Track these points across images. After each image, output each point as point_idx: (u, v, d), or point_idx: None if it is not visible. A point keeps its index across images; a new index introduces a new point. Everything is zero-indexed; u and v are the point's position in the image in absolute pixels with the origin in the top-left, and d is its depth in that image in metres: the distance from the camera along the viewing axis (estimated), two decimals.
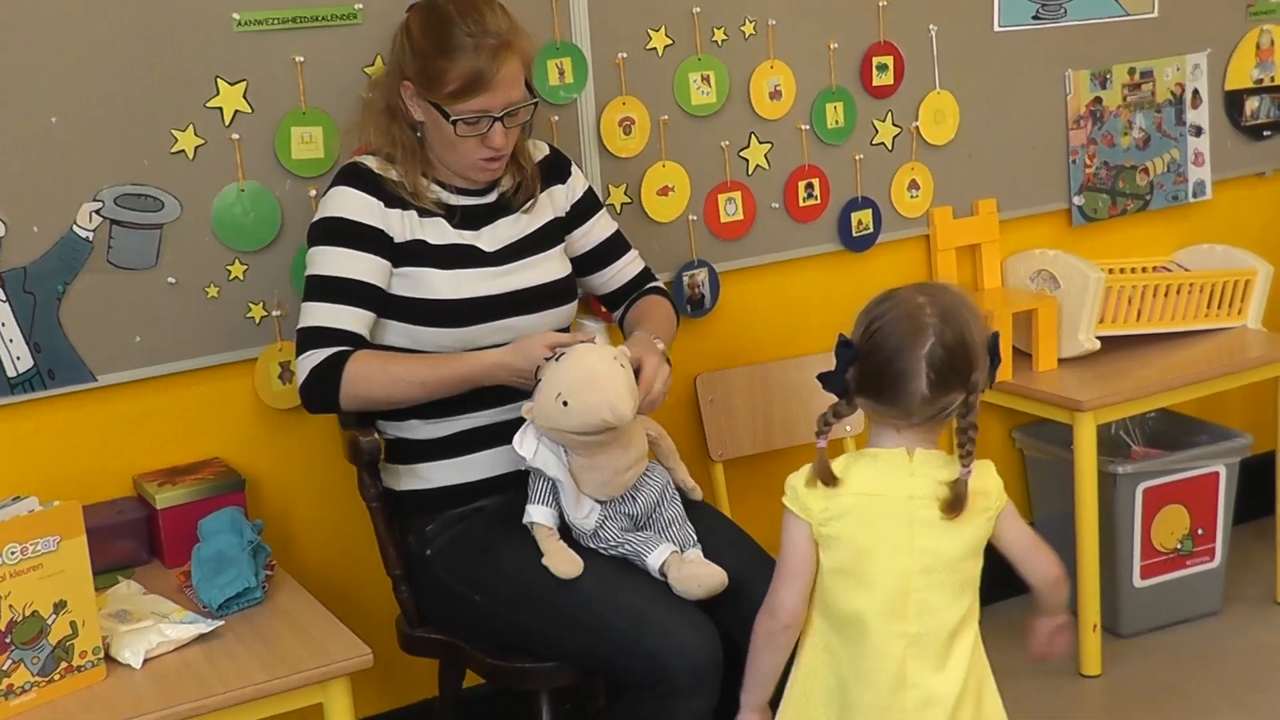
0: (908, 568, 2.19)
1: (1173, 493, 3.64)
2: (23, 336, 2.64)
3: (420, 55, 2.58)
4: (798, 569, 2.22)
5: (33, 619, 2.14)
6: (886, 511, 2.19)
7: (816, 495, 2.19)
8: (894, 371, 2.15)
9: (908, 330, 2.15)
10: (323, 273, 2.58)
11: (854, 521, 2.19)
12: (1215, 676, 3.50)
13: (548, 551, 2.52)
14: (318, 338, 2.55)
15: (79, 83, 2.63)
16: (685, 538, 2.57)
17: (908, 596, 2.19)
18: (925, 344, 2.13)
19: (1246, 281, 3.79)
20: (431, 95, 2.58)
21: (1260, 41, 4.03)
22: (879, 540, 2.19)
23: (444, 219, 2.65)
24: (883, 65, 3.46)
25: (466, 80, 2.55)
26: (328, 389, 2.53)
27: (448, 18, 2.57)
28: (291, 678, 2.23)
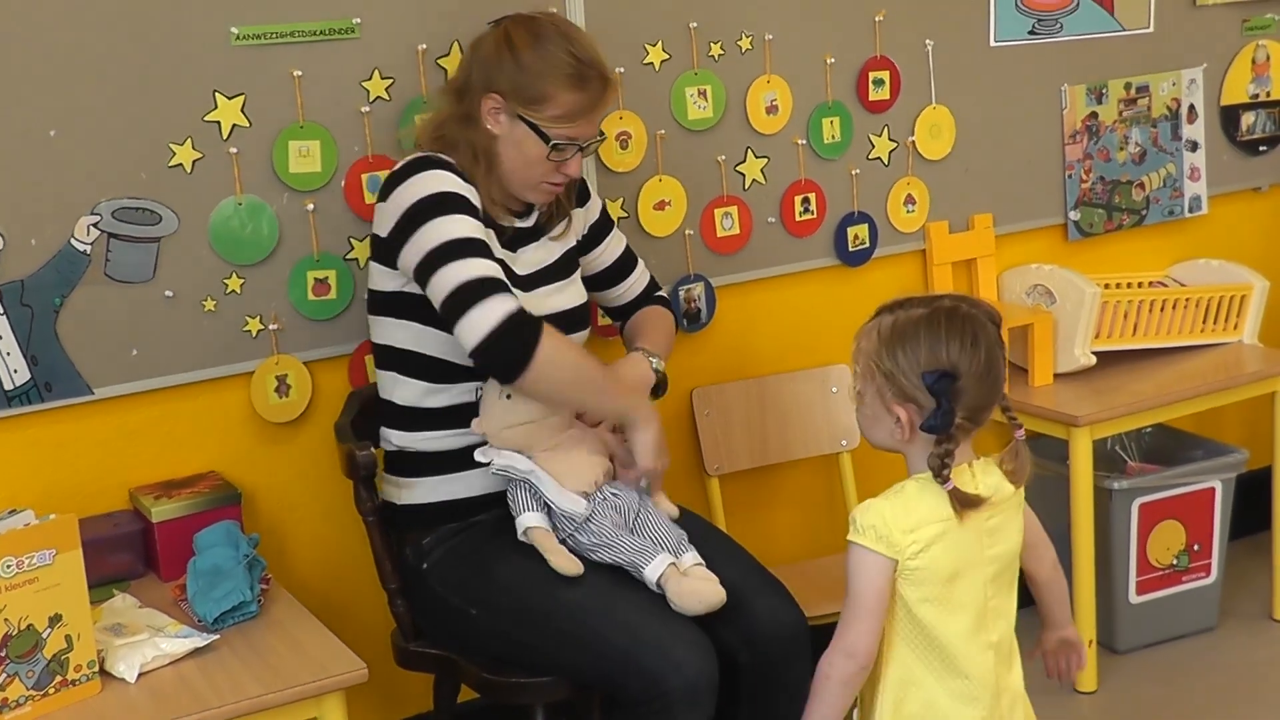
0: (983, 579, 2.20)
1: (1169, 508, 3.64)
2: (20, 349, 2.64)
3: (526, 71, 2.55)
4: (875, 608, 2.16)
5: (28, 632, 2.14)
6: (965, 530, 2.18)
7: (902, 530, 2.14)
8: (993, 375, 2.17)
9: (978, 326, 2.16)
10: (457, 235, 2.47)
11: (941, 548, 2.16)
12: (1211, 692, 3.49)
13: (549, 551, 2.51)
14: (490, 286, 2.43)
15: (77, 96, 2.63)
16: (677, 538, 2.57)
17: (986, 606, 2.21)
18: (992, 338, 2.17)
19: (1242, 296, 3.79)
20: (531, 114, 2.56)
21: (1256, 56, 4.04)
22: (963, 562, 2.18)
23: (495, 234, 2.64)
24: (879, 80, 3.46)
25: (574, 108, 2.56)
26: (525, 341, 2.42)
27: (558, 41, 2.56)
28: (286, 692, 2.23)
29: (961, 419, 2.14)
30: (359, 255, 2.90)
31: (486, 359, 2.43)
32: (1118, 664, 3.63)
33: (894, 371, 2.15)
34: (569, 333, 2.72)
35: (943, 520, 2.16)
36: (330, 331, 2.91)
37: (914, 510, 2.16)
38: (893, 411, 2.17)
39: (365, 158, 2.88)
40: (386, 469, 2.75)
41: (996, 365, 2.17)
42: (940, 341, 2.14)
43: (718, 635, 2.48)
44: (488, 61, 2.59)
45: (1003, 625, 2.24)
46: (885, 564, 2.14)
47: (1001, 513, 2.23)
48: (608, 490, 2.60)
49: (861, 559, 2.15)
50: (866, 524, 2.15)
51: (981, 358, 2.14)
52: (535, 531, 2.54)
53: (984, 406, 2.18)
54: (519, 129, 2.58)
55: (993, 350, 2.16)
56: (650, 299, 2.99)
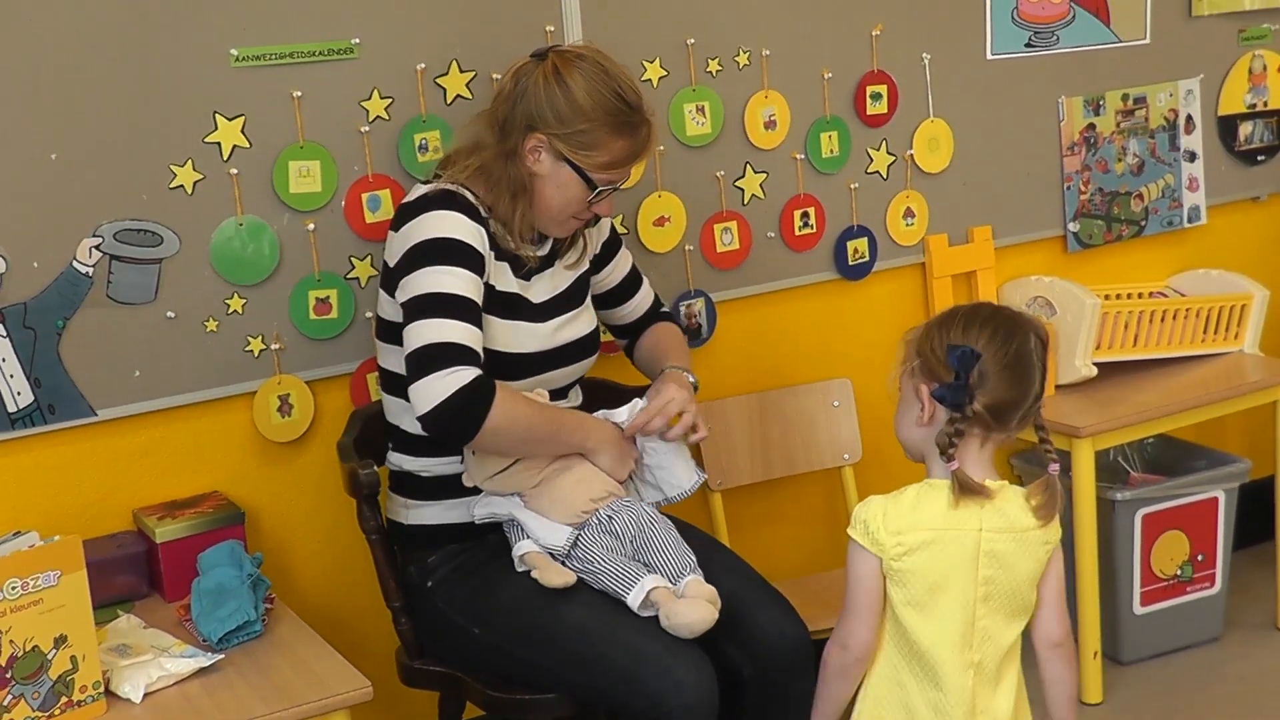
0: (972, 598, 2.21)
1: (1172, 519, 3.64)
2: (23, 372, 2.64)
3: (580, 116, 2.53)
4: (868, 602, 2.20)
5: (33, 654, 2.14)
6: (957, 544, 2.19)
7: (889, 531, 2.18)
8: (1021, 373, 2.18)
9: (1016, 327, 2.20)
10: (440, 290, 2.47)
11: (927, 556, 2.18)
12: (1216, 703, 3.49)
13: (538, 567, 2.53)
14: (453, 355, 2.42)
15: (78, 119, 2.64)
16: (683, 562, 2.56)
17: (973, 626, 2.22)
18: (1032, 339, 2.19)
19: (1243, 306, 3.80)
20: (578, 158, 2.55)
21: (1253, 66, 4.05)
22: (950, 574, 2.20)
23: (509, 265, 2.63)
24: (877, 94, 3.47)
25: (622, 155, 2.58)
26: (473, 415, 2.41)
27: (608, 83, 2.55)
28: (291, 711, 2.22)
29: (981, 406, 2.16)
30: (360, 274, 2.90)
31: (434, 428, 2.43)
32: (1122, 675, 3.62)
33: (926, 350, 2.21)
34: (580, 360, 2.73)
35: (935, 529, 2.18)
36: (332, 351, 2.92)
37: (907, 513, 2.19)
38: (919, 392, 2.21)
39: (365, 177, 2.89)
40: (393, 488, 2.75)
41: (1026, 367, 2.19)
42: (974, 326, 2.19)
43: (721, 649, 2.49)
44: (534, 99, 2.55)
45: (990, 649, 2.24)
46: (872, 560, 2.19)
47: (1012, 541, 2.22)
48: (608, 511, 2.60)
49: (853, 553, 2.21)
50: (859, 519, 2.21)
51: (1011, 350, 2.17)
52: (529, 555, 2.56)
53: (1008, 406, 2.18)
54: (563, 171, 2.57)
55: (1025, 352, 2.19)
56: (657, 315, 2.99)
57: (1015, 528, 2.23)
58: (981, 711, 2.24)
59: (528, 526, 2.58)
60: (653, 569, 2.54)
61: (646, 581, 2.48)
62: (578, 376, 2.79)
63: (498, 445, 2.51)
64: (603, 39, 3.06)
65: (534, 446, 2.55)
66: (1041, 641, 2.32)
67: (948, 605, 2.20)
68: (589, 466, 2.62)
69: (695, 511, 3.18)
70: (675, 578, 2.52)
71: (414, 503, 2.70)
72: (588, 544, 2.55)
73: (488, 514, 2.62)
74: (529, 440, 2.53)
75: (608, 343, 3.13)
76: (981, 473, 2.22)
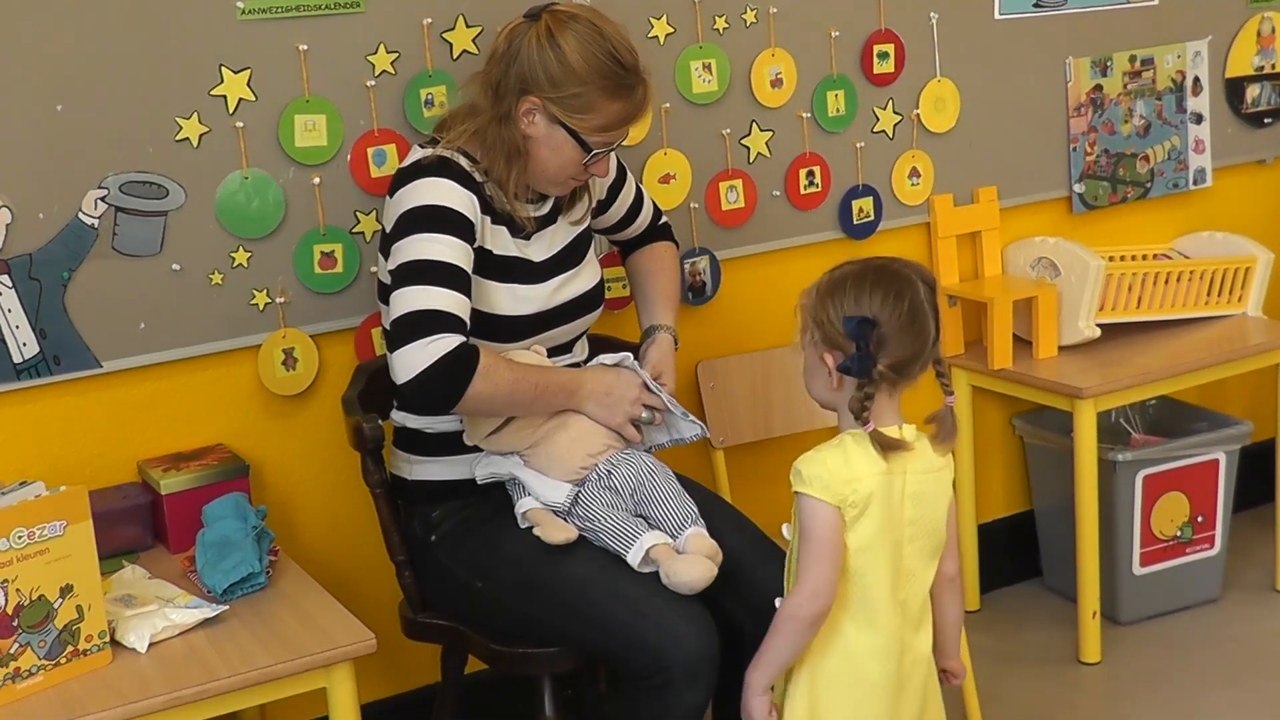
0: (901, 538, 2.27)
1: (1173, 480, 3.65)
2: (29, 323, 2.65)
3: (574, 81, 2.50)
4: (834, 550, 2.22)
5: (39, 603, 2.15)
6: (891, 488, 2.25)
7: (843, 480, 2.21)
8: (917, 328, 2.23)
9: (905, 282, 2.25)
10: (427, 257, 2.46)
11: (876, 503, 2.23)
12: (1215, 663, 3.51)
13: (540, 523, 2.54)
14: (435, 323, 2.41)
15: (84, 71, 2.64)
16: (685, 513, 2.56)
17: (900, 566, 2.27)
18: (920, 289, 2.25)
19: (1247, 269, 3.80)
20: (573, 121, 2.53)
21: (1261, 29, 4.04)
22: (887, 517, 2.24)
23: (506, 229, 2.63)
24: (883, 53, 3.46)
25: (618, 117, 2.55)
26: (454, 384, 2.41)
27: (601, 44, 2.51)
28: (295, 662, 2.24)
29: (885, 367, 2.22)
30: (365, 229, 2.91)
31: (413, 397, 2.44)
32: (1121, 635, 3.64)
33: (824, 320, 2.26)
34: (582, 316, 2.73)
35: (878, 474, 2.23)
36: (337, 305, 2.92)
37: (854, 462, 2.23)
38: (824, 360, 2.26)
39: (371, 132, 2.89)
40: (396, 444, 2.76)
41: (922, 320, 2.24)
42: (865, 292, 2.23)
43: (722, 605, 2.50)
44: (527, 61, 2.52)
45: (914, 588, 2.31)
46: (833, 511, 2.22)
47: (925, 482, 2.29)
48: (606, 466, 2.61)
49: (812, 508, 2.22)
50: (812, 475, 2.22)
51: (904, 309, 2.22)
52: (531, 512, 2.57)
53: (909, 360, 2.24)
54: (557, 134, 2.55)
55: (917, 305, 2.24)
56: (656, 231, 3.01)
57: (931, 467, 2.30)
58: (907, 648, 2.30)
59: (528, 484, 2.59)
60: (654, 521, 2.55)
61: (646, 539, 2.49)
62: (581, 331, 2.79)
63: (479, 411, 2.53)
64: None
65: (519, 409, 2.56)
66: (943, 575, 2.39)
67: (883, 548, 2.25)
68: (585, 422, 2.62)
69: (698, 468, 3.19)
70: (677, 530, 2.54)
71: (417, 458, 2.71)
72: (588, 500, 2.56)
73: (489, 474, 2.63)
74: (512, 404, 2.53)
75: (611, 299, 3.13)
76: (892, 419, 2.28)
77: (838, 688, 2.28)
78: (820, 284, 2.30)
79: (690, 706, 2.40)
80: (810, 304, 2.29)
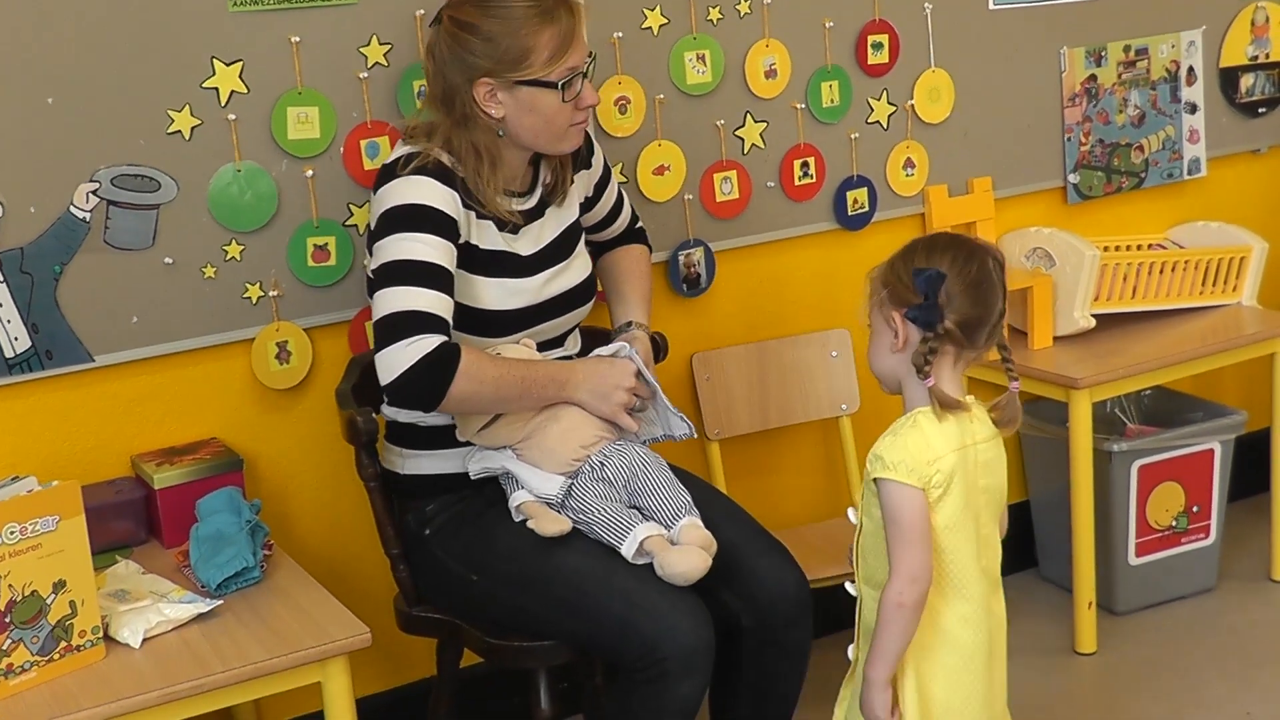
0: (979, 508, 2.28)
1: (1168, 470, 3.65)
2: (20, 317, 2.64)
3: (494, 41, 2.50)
4: (924, 532, 2.22)
5: (32, 599, 2.15)
6: (967, 461, 2.26)
7: (925, 461, 2.21)
8: (985, 290, 2.25)
9: (975, 248, 2.28)
10: (407, 257, 2.46)
11: (959, 478, 2.24)
12: (1210, 653, 3.51)
13: (534, 516, 2.53)
14: (416, 324, 2.42)
15: (76, 64, 2.63)
16: (678, 503, 2.56)
17: (980, 535, 2.29)
18: (990, 260, 2.27)
19: (1241, 258, 3.79)
20: (525, 74, 2.52)
21: (1255, 18, 4.03)
22: (966, 490, 2.25)
23: (493, 223, 2.62)
24: (878, 44, 3.46)
25: (557, 42, 2.52)
26: (436, 384, 2.41)
27: None
28: (290, 656, 2.24)
29: (951, 324, 2.23)
30: (358, 221, 2.90)
31: (397, 398, 2.44)
32: (1117, 625, 3.64)
33: (893, 280, 2.27)
34: (573, 309, 2.72)
35: (956, 450, 2.23)
36: (330, 298, 2.91)
37: (933, 442, 2.23)
38: (890, 321, 2.27)
39: (364, 124, 2.88)
40: (389, 438, 2.75)
41: (990, 285, 2.26)
42: (935, 252, 2.27)
43: (719, 597, 2.50)
44: (454, 57, 2.53)
45: (990, 553, 2.32)
46: (918, 493, 2.21)
47: (991, 449, 2.31)
48: (599, 458, 2.60)
49: (900, 493, 2.21)
50: (895, 460, 2.21)
51: (973, 270, 2.24)
52: (525, 505, 2.57)
53: (975, 323, 2.25)
54: (523, 94, 2.54)
55: (986, 271, 2.26)
56: (631, 234, 3.00)
57: (992, 434, 2.31)
58: (993, 614, 2.32)
59: (521, 478, 2.58)
60: (647, 513, 2.55)
61: (639, 530, 2.49)
62: (573, 325, 2.78)
63: (467, 408, 2.52)
64: None
65: (506, 405, 2.55)
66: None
67: (967, 520, 2.26)
68: (577, 414, 2.61)
69: (694, 461, 3.18)
70: (671, 520, 2.53)
71: (410, 452, 2.70)
72: (581, 493, 2.56)
73: (481, 469, 2.62)
74: (499, 400, 2.52)
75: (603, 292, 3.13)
76: (955, 390, 2.29)
77: (936, 660, 2.27)
78: (892, 256, 2.32)
79: (686, 697, 2.40)
80: (880, 271, 2.31)
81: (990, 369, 2.40)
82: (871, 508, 2.26)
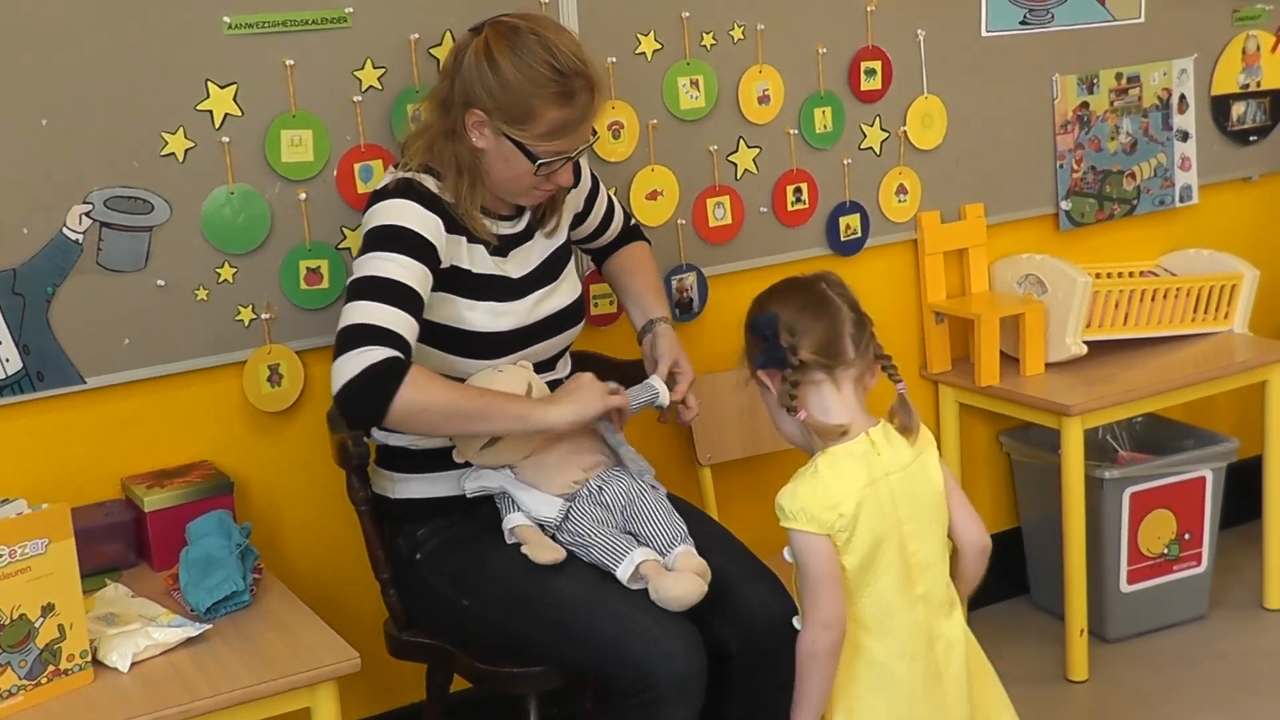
0: (903, 539, 2.26)
1: (1160, 497, 3.65)
2: (12, 338, 2.63)
3: (509, 90, 2.48)
4: (832, 578, 2.23)
5: (20, 622, 2.14)
6: (878, 496, 2.25)
7: (825, 506, 2.21)
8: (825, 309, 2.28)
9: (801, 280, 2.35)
10: (376, 274, 2.46)
11: (865, 516, 2.23)
12: (1202, 681, 3.51)
13: (528, 542, 2.53)
14: (370, 336, 2.40)
15: (69, 85, 2.63)
16: (673, 532, 2.56)
17: (909, 563, 2.27)
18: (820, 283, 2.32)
19: (1233, 286, 3.80)
20: (515, 132, 2.51)
21: (1246, 47, 4.05)
22: (883, 527, 2.24)
23: (484, 246, 2.62)
24: (871, 70, 3.47)
25: (560, 124, 2.50)
26: (379, 394, 2.38)
27: (536, 52, 2.47)
28: (279, 681, 2.23)
29: (806, 353, 2.25)
30: (351, 245, 2.89)
31: (343, 407, 2.43)
32: (1109, 653, 3.64)
33: (747, 345, 2.33)
34: (563, 331, 2.72)
35: (859, 488, 2.23)
36: (322, 321, 2.90)
37: (831, 486, 2.24)
38: (761, 383, 2.31)
39: (358, 147, 2.88)
40: (380, 463, 2.75)
41: (826, 301, 2.30)
42: (766, 301, 2.33)
43: (709, 624, 2.49)
44: (468, 75, 2.52)
45: (930, 576, 2.31)
46: (823, 540, 2.22)
47: (909, 478, 2.30)
48: (597, 482, 2.60)
49: (804, 542, 2.23)
50: (795, 509, 2.23)
51: (802, 297, 2.29)
52: (519, 529, 2.56)
53: (827, 339, 2.27)
54: (505, 145, 2.53)
55: (817, 291, 2.31)
56: (629, 235, 3.00)
57: (903, 462, 2.31)
58: (937, 638, 2.31)
59: (519, 499, 2.57)
60: (643, 539, 2.55)
61: (636, 555, 2.48)
62: (564, 347, 2.78)
63: (416, 426, 2.48)
64: (598, 10, 3.08)
65: (464, 425, 2.50)
66: (974, 548, 2.40)
67: (886, 554, 2.25)
68: (579, 437, 2.61)
69: (685, 486, 3.18)
70: (666, 548, 2.53)
71: (400, 476, 2.70)
72: (578, 516, 2.55)
73: (478, 487, 2.61)
74: (453, 419, 2.48)
75: (597, 316, 3.13)
76: (849, 414, 2.30)
77: (866, 698, 2.28)
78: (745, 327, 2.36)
79: None
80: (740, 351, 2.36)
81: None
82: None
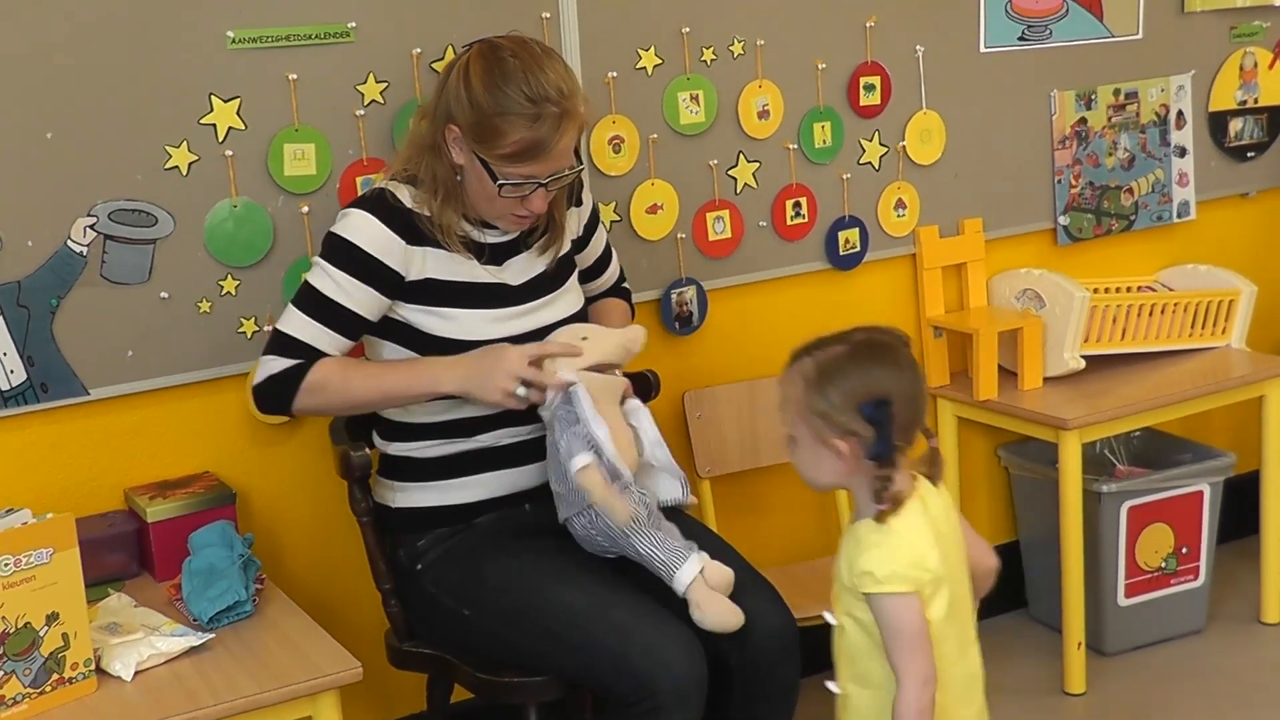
0: (953, 578, 2.22)
1: (1157, 511, 3.66)
2: (16, 350, 2.65)
3: (477, 109, 2.50)
4: (924, 636, 2.15)
5: (25, 630, 2.15)
6: (942, 537, 2.21)
7: (912, 565, 2.15)
8: (919, 393, 2.21)
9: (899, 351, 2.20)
10: (319, 288, 2.55)
11: (943, 567, 2.18)
12: (1199, 695, 3.51)
13: (596, 490, 2.46)
14: (288, 347, 2.56)
15: (74, 99, 2.64)
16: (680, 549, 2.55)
17: (960, 595, 2.24)
18: (912, 360, 2.21)
19: (1230, 301, 3.81)
20: (481, 151, 2.52)
21: (1244, 63, 4.06)
22: (948, 571, 2.20)
23: (474, 257, 2.63)
24: (870, 85, 3.48)
25: (522, 148, 2.50)
26: (279, 399, 2.57)
27: (511, 75, 2.48)
28: (281, 690, 2.24)
29: (904, 441, 2.18)
30: None
31: (256, 399, 2.61)
32: (1106, 666, 3.64)
33: (828, 410, 2.16)
34: None
35: (932, 542, 2.18)
36: None
37: (913, 544, 2.16)
38: (833, 448, 2.17)
39: (360, 161, 2.90)
40: (381, 473, 2.76)
41: (921, 384, 2.23)
42: (869, 372, 2.16)
43: (707, 635, 2.50)
44: (450, 91, 2.54)
45: (969, 610, 2.29)
46: (914, 599, 2.15)
47: (947, 522, 2.26)
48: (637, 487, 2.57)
49: (899, 604, 2.14)
50: (887, 574, 2.14)
51: (908, 379, 2.18)
52: (590, 473, 2.46)
53: (913, 425, 2.21)
54: (476, 163, 2.55)
55: (915, 370, 2.21)
56: (617, 291, 3.02)
57: (944, 508, 2.27)
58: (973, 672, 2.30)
59: (600, 441, 2.49)
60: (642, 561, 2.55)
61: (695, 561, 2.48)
62: None
63: (328, 412, 2.72)
64: (598, 25, 3.09)
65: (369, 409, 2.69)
66: (989, 570, 2.39)
67: (955, 598, 2.21)
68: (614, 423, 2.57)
69: None
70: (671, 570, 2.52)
71: (401, 486, 2.71)
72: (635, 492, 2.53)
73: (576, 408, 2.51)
74: (354, 408, 2.68)
75: None
76: (906, 485, 2.21)
77: None
78: (806, 372, 2.21)
79: None
80: (800, 394, 2.20)
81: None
82: (853, 609, 2.21)
